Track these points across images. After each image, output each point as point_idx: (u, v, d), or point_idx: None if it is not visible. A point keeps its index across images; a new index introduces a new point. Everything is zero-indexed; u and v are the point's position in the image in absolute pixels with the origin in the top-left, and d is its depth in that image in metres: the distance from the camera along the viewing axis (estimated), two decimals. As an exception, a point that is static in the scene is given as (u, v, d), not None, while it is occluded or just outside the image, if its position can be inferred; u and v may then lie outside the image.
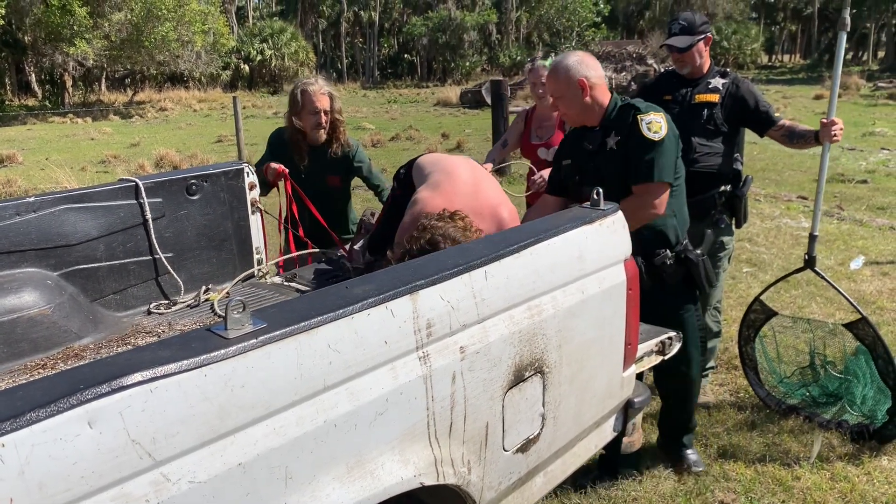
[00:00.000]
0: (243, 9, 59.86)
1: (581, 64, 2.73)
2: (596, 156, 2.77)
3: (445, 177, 2.73)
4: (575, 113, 2.79)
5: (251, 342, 1.27)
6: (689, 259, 2.78)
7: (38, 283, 2.60)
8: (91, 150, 16.00)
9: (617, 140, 2.71)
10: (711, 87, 3.47)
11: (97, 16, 26.04)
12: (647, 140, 2.60)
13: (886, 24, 48.03)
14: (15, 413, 1.02)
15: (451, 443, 1.68)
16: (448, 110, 25.51)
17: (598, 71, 2.77)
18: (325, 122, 3.61)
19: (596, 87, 2.74)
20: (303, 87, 3.60)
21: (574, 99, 2.74)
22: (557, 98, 2.79)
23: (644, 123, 2.61)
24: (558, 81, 2.75)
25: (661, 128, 2.60)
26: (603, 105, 2.77)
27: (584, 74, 2.71)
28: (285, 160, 3.65)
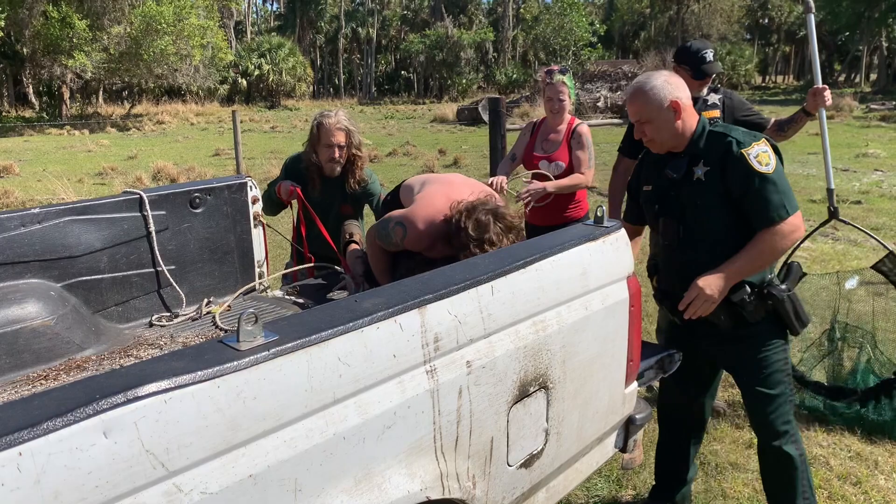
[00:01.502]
0: (242, 24, 60.19)
1: (671, 84, 2.48)
2: (679, 185, 2.52)
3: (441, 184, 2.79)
4: (665, 138, 2.51)
5: (263, 354, 1.29)
6: (772, 295, 2.45)
7: (41, 294, 2.60)
8: (88, 162, 16.01)
9: (706, 171, 2.45)
10: (710, 103, 3.53)
11: (96, 29, 26.15)
12: (761, 175, 2.34)
13: (878, 47, 48.58)
14: (32, 422, 1.03)
15: (457, 457, 1.69)
16: (445, 127, 25.63)
17: (687, 92, 2.53)
18: (339, 157, 3.58)
19: (686, 110, 2.50)
20: (320, 119, 3.58)
21: (666, 123, 2.47)
22: (645, 122, 2.50)
23: (752, 159, 2.35)
24: (648, 104, 2.47)
25: (769, 157, 2.36)
26: (691, 129, 2.51)
27: (676, 96, 2.46)
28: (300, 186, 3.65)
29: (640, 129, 2.54)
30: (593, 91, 28.02)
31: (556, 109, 3.91)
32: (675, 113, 2.46)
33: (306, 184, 3.64)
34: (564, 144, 3.93)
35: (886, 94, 37.08)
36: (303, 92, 45.90)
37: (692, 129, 2.51)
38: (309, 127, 3.69)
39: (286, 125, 27.15)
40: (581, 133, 3.90)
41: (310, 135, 3.61)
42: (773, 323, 2.50)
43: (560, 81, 3.88)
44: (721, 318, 2.47)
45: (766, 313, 2.47)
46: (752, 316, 2.46)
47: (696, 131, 2.51)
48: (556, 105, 3.90)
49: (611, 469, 3.23)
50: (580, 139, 3.89)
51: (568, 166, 3.90)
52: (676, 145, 2.53)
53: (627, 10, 60.74)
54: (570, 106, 3.94)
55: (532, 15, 58.38)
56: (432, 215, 2.58)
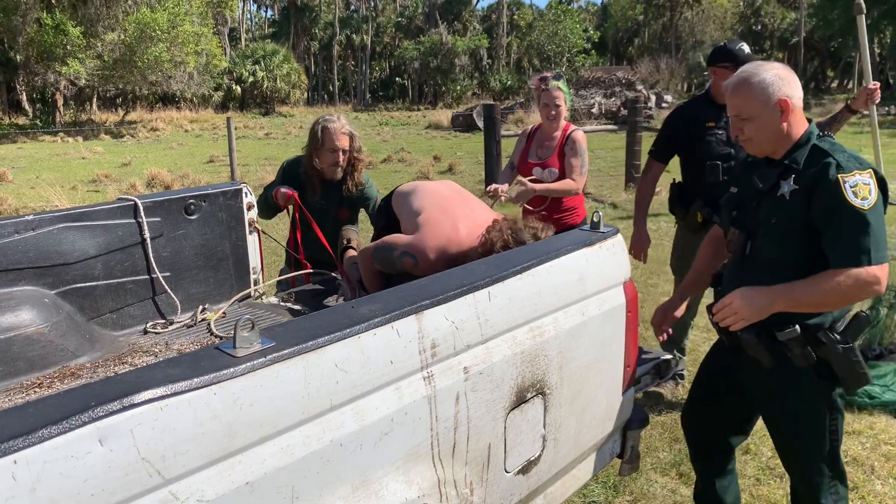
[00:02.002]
0: (236, 30, 60.25)
1: (782, 80, 2.11)
2: (762, 197, 2.21)
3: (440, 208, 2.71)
4: (765, 139, 2.17)
5: (260, 360, 1.28)
6: (822, 343, 2.11)
7: (34, 302, 2.59)
8: (82, 169, 15.96)
9: (794, 189, 2.11)
10: None
11: (90, 36, 26.12)
12: (853, 210, 1.99)
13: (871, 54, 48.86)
14: (27, 430, 1.02)
15: (455, 464, 1.68)
16: (439, 133, 25.67)
17: (800, 91, 2.16)
18: (342, 161, 3.60)
19: (795, 112, 2.14)
20: (324, 123, 3.59)
21: (770, 122, 2.13)
22: (745, 119, 2.16)
23: (848, 187, 2.00)
24: (752, 99, 2.13)
25: (870, 191, 2.00)
26: (796, 136, 2.16)
27: (786, 93, 2.10)
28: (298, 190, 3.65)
29: (737, 125, 2.20)
30: (587, 97, 28.12)
31: (552, 116, 3.88)
32: (781, 113, 2.11)
33: (305, 188, 3.64)
34: (558, 151, 3.92)
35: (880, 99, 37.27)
36: (297, 99, 45.92)
37: (797, 136, 2.16)
38: (307, 132, 3.68)
39: (281, 132, 27.15)
40: (575, 140, 3.89)
41: (311, 139, 3.61)
42: (823, 374, 2.16)
43: (556, 87, 3.86)
44: (760, 353, 2.18)
45: (817, 361, 2.14)
46: (799, 361, 2.15)
47: (800, 140, 2.16)
48: (552, 111, 3.87)
49: (608, 475, 3.23)
50: (574, 146, 3.88)
51: (561, 172, 3.90)
52: (776, 150, 2.19)
53: (621, 17, 61.05)
54: (566, 112, 3.93)
55: (526, 22, 58.66)
56: (444, 245, 2.53)
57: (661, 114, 25.96)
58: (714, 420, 2.53)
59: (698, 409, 2.59)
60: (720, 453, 2.58)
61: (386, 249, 2.65)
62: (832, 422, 2.20)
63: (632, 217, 4.25)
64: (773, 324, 2.11)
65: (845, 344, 2.11)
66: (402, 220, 2.79)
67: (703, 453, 2.62)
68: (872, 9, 39.78)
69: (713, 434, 2.55)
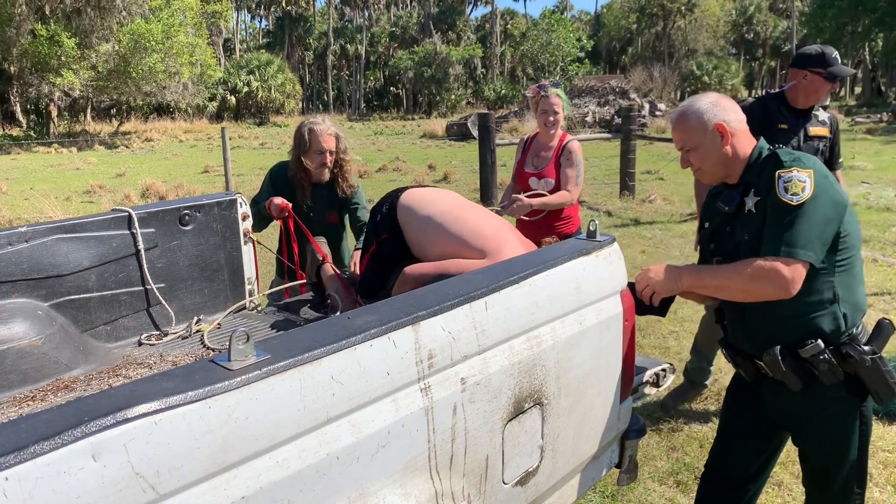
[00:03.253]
0: (230, 41, 60.33)
1: (717, 106, 2.19)
2: (733, 219, 2.23)
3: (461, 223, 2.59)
4: (712, 165, 2.22)
5: (255, 374, 1.27)
6: (851, 356, 2.06)
7: (28, 314, 2.57)
8: (76, 180, 15.92)
9: (756, 201, 2.14)
10: (821, 119, 3.47)
11: (84, 47, 26.11)
12: (781, 204, 2.03)
13: (862, 61, 49.22)
14: (18, 446, 1.01)
15: (452, 476, 1.67)
16: (434, 142, 25.70)
17: (738, 114, 2.22)
18: (329, 162, 3.61)
19: (738, 135, 2.19)
20: (310, 125, 3.59)
21: (712, 149, 2.18)
22: (690, 150, 2.23)
23: (781, 182, 2.04)
24: (690, 130, 2.21)
25: (803, 188, 2.01)
26: (745, 156, 2.20)
27: (722, 118, 2.17)
28: (286, 196, 3.63)
29: (684, 157, 2.27)
30: (581, 106, 28.21)
31: (550, 123, 3.88)
32: (721, 137, 2.16)
33: (294, 192, 3.64)
34: (554, 161, 3.91)
35: (871, 107, 37.52)
36: (292, 108, 45.94)
37: (746, 155, 2.20)
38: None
39: (276, 142, 27.13)
40: (571, 150, 3.89)
41: (298, 142, 3.61)
42: (854, 390, 2.12)
43: (554, 94, 3.86)
44: (787, 376, 2.11)
45: (846, 376, 2.09)
46: (826, 377, 2.07)
47: (751, 158, 2.19)
48: (550, 118, 3.87)
49: (606, 485, 3.21)
50: (570, 156, 3.87)
51: (557, 182, 3.89)
52: (729, 174, 2.23)
53: (614, 26, 61.36)
54: (563, 120, 3.93)
55: (520, 31, 58.90)
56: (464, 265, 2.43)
57: (654, 122, 26.06)
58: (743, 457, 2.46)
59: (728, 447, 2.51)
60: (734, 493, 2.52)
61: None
62: (863, 437, 2.17)
63: (627, 225, 4.26)
64: (793, 340, 2.09)
65: (873, 354, 2.06)
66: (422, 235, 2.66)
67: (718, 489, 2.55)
68: (863, 17, 40.08)
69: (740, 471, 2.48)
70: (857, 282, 2.14)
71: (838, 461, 2.19)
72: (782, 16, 60.93)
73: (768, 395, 2.26)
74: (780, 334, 2.12)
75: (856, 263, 2.13)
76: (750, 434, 2.41)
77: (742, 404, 2.42)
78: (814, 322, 2.09)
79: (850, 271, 2.11)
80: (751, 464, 2.45)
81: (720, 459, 2.52)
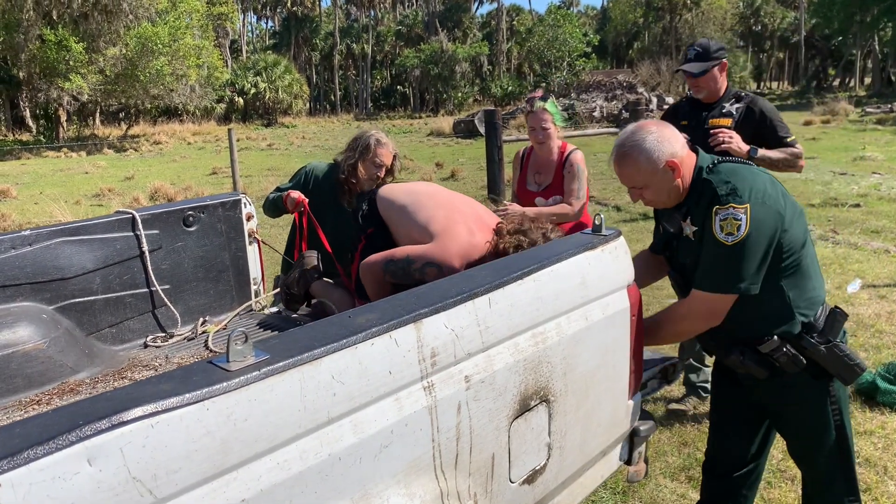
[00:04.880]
0: (237, 42, 60.50)
1: (662, 141, 2.15)
2: (677, 241, 2.29)
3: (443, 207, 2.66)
4: (666, 197, 2.22)
5: (254, 374, 1.25)
6: (804, 348, 2.14)
7: (33, 318, 2.57)
8: (85, 184, 16.00)
9: (694, 231, 2.19)
10: (725, 111, 3.51)
11: (92, 51, 26.24)
12: (717, 242, 2.06)
13: (872, 51, 48.80)
14: (12, 451, 0.99)
15: (458, 475, 1.64)
16: (441, 140, 25.68)
17: (680, 140, 2.20)
18: (381, 177, 3.63)
19: (685, 162, 2.18)
20: (377, 136, 3.61)
21: (664, 184, 2.17)
22: (642, 188, 2.22)
23: (718, 220, 2.05)
24: (641, 172, 2.17)
25: (738, 228, 2.02)
26: (689, 181, 2.20)
27: (670, 153, 2.14)
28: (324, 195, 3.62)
29: (636, 193, 2.25)
30: (589, 101, 28.13)
31: (540, 139, 3.61)
32: (672, 171, 2.15)
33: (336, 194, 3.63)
34: (558, 174, 3.66)
35: (881, 97, 37.21)
36: (299, 109, 46.02)
37: (689, 179, 2.20)
38: (309, 142, 3.70)
39: (283, 142, 27.18)
40: (573, 162, 3.62)
41: (360, 148, 3.59)
42: (818, 374, 2.18)
43: (541, 108, 3.59)
44: (751, 369, 2.19)
45: (808, 363, 2.15)
46: (788, 367, 2.15)
47: (693, 180, 2.19)
48: (540, 135, 3.60)
49: (616, 482, 3.19)
50: (572, 168, 3.61)
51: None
52: (679, 199, 2.24)
53: (621, 21, 61.04)
54: (557, 133, 3.66)
55: (526, 27, 58.65)
56: (466, 251, 2.47)
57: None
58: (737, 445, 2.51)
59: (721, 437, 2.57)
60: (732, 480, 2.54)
61: (402, 262, 2.54)
62: (836, 416, 2.22)
63: (636, 220, 4.22)
64: (751, 339, 2.18)
65: (827, 343, 2.13)
66: (405, 228, 2.69)
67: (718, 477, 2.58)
68: (872, 6, 39.74)
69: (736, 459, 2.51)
70: (806, 278, 2.18)
71: (817, 442, 2.25)
72: (790, 7, 60.49)
73: (744, 382, 2.35)
74: (741, 336, 2.20)
75: (803, 262, 2.16)
76: (738, 420, 2.47)
77: (726, 392, 2.49)
78: (770, 323, 2.16)
79: (797, 272, 2.16)
80: (745, 450, 2.50)
81: (715, 447, 2.59)
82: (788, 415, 2.30)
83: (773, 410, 2.36)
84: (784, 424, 2.35)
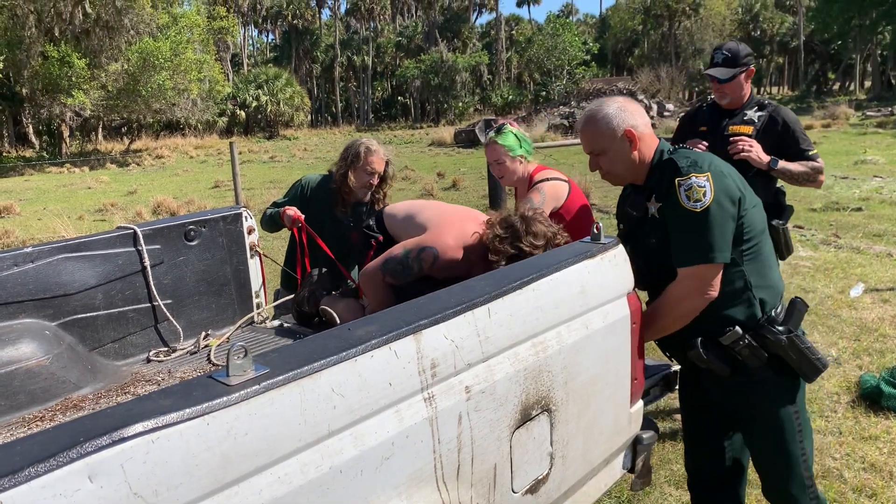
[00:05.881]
0: (238, 56, 60.75)
1: (624, 111, 2.22)
2: (641, 224, 2.29)
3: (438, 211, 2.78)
4: (622, 169, 2.27)
5: (254, 388, 1.25)
6: (766, 338, 2.14)
7: (35, 334, 2.58)
8: (88, 199, 16.05)
9: (658, 207, 2.19)
10: (747, 118, 3.38)
11: (94, 67, 26.40)
12: (685, 212, 2.08)
13: (871, 55, 48.85)
14: (13, 469, 0.99)
15: (459, 486, 1.64)
16: (443, 150, 25.73)
17: (644, 118, 2.26)
18: (374, 184, 3.64)
19: (644, 139, 2.23)
20: (367, 144, 3.62)
21: (620, 154, 2.23)
22: (599, 154, 2.27)
23: (682, 190, 2.08)
24: (599, 135, 2.24)
25: (704, 193, 2.05)
26: (648, 159, 2.25)
27: (630, 123, 2.21)
28: (320, 206, 3.64)
29: (593, 161, 2.31)
30: (589, 109, 28.11)
31: (498, 174, 3.17)
32: (630, 143, 2.21)
33: (331, 204, 3.66)
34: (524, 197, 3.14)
35: (882, 100, 37.22)
36: (301, 121, 46.19)
37: (649, 159, 2.24)
38: (311, 154, 3.74)
39: (285, 154, 27.26)
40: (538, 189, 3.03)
41: (350, 157, 3.62)
42: (780, 369, 2.19)
43: (492, 141, 3.14)
44: (713, 364, 2.19)
45: (769, 358, 2.16)
46: (750, 361, 2.16)
47: (653, 160, 2.24)
48: (496, 169, 3.16)
49: (620, 490, 3.18)
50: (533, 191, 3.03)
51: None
52: (636, 177, 2.28)
53: (620, 28, 61.24)
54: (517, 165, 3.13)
55: (525, 37, 58.88)
56: (461, 233, 2.56)
57: (663, 123, 25.97)
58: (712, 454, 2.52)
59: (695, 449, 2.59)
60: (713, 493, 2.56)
61: (397, 257, 2.60)
62: (797, 419, 2.24)
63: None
64: (713, 332, 2.18)
65: (788, 333, 2.14)
66: (403, 232, 2.78)
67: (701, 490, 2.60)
68: (871, 10, 39.80)
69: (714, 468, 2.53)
70: (766, 266, 2.22)
71: (780, 445, 2.24)
72: (788, 12, 60.63)
73: (707, 385, 2.35)
74: (701, 326, 2.19)
75: (763, 249, 2.20)
76: (708, 430, 2.49)
77: (694, 402, 2.50)
78: (731, 311, 2.17)
79: (757, 258, 2.19)
80: (719, 460, 2.51)
81: (691, 461, 2.61)
82: (750, 417, 2.30)
83: (734, 413, 2.36)
84: (745, 428, 2.35)
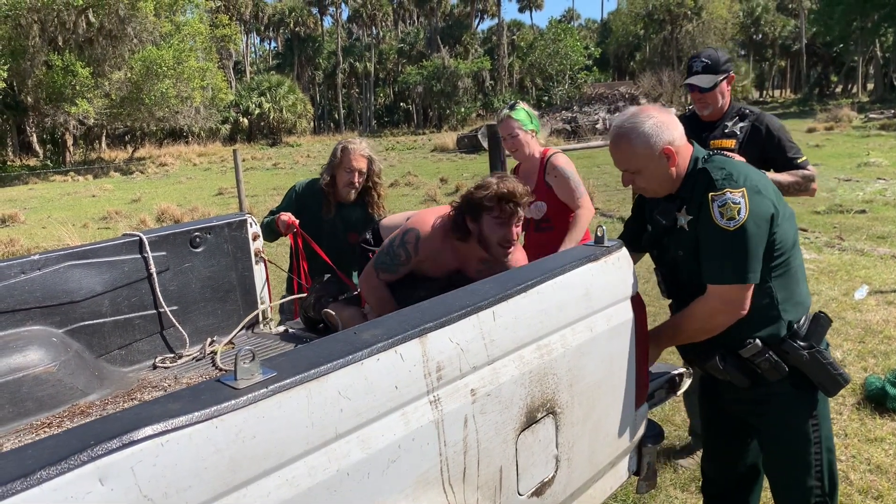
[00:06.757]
0: (241, 63, 60.95)
1: (661, 127, 2.10)
2: (669, 233, 2.22)
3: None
4: (658, 185, 2.17)
5: (261, 392, 1.26)
6: (788, 353, 2.09)
7: (43, 341, 2.59)
8: (92, 207, 16.11)
9: (689, 220, 2.12)
10: (728, 131, 3.16)
11: (97, 75, 26.53)
12: (718, 229, 2.00)
13: (873, 57, 48.84)
14: (24, 472, 1.00)
15: (466, 489, 1.65)
16: (445, 156, 25.76)
17: (679, 128, 2.15)
18: (357, 183, 3.63)
19: (681, 152, 2.13)
20: (345, 144, 3.65)
21: (658, 171, 2.12)
22: (634, 172, 2.16)
23: (716, 206, 2.00)
24: (636, 155, 2.12)
25: (738, 211, 1.97)
26: (684, 170, 2.14)
27: (667, 140, 2.09)
28: (312, 210, 3.67)
29: (627, 178, 2.20)
30: (591, 114, 28.21)
31: (511, 147, 3.48)
32: (668, 159, 2.10)
33: (321, 206, 3.68)
34: (540, 182, 3.48)
35: (884, 102, 37.19)
36: (304, 128, 46.31)
37: (685, 168, 2.15)
38: (314, 161, 3.76)
39: (288, 161, 27.32)
40: (555, 165, 3.43)
41: (331, 158, 3.67)
42: (800, 383, 2.13)
43: (507, 117, 3.45)
44: (731, 376, 2.16)
45: (789, 371, 2.11)
46: (770, 374, 2.11)
47: (688, 170, 2.15)
48: (509, 143, 3.47)
49: (626, 493, 3.18)
50: (555, 171, 3.43)
51: (551, 204, 3.48)
52: (671, 190, 2.20)
53: (622, 33, 61.30)
54: (529, 138, 3.47)
55: (527, 42, 59.01)
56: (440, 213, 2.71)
57: (665, 126, 25.96)
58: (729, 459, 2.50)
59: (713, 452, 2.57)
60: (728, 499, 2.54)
61: (384, 249, 2.75)
62: (816, 432, 2.17)
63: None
64: (733, 344, 2.14)
65: (810, 349, 2.10)
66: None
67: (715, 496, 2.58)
68: (872, 12, 39.78)
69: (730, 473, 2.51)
70: (794, 282, 2.15)
71: (793, 457, 2.20)
72: (790, 15, 60.65)
73: (725, 393, 2.32)
74: (722, 340, 2.15)
75: (792, 264, 2.14)
76: (727, 435, 2.46)
77: (712, 408, 2.48)
78: (754, 326, 2.12)
79: (786, 274, 2.13)
80: (735, 464, 2.48)
81: (707, 464, 2.58)
82: (767, 427, 2.26)
83: (752, 422, 2.32)
84: (762, 438, 2.31)
